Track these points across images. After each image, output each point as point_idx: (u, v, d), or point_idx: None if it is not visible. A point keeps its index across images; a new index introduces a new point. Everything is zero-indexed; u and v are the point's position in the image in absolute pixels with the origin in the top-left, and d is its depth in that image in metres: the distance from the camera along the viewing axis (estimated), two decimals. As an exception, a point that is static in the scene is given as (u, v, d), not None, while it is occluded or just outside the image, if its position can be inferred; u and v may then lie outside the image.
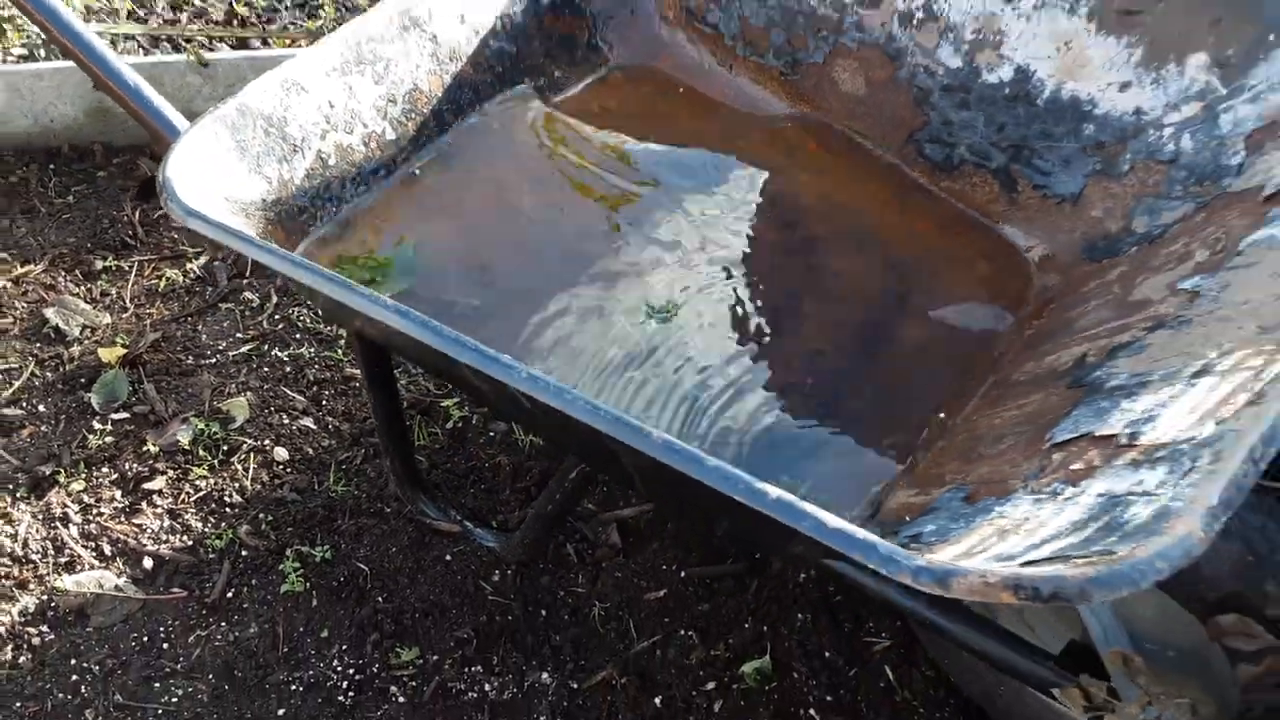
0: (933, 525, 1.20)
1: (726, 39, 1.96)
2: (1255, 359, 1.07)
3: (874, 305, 1.60)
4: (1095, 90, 1.55)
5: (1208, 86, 1.44)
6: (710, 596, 1.90)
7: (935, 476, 1.34)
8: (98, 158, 2.75)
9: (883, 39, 1.76)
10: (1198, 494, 0.91)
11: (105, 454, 2.12)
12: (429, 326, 1.19)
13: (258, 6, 2.94)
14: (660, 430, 1.02)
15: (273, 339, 2.33)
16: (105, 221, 2.59)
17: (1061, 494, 1.08)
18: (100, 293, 2.44)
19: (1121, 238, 1.52)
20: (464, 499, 2.04)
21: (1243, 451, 0.92)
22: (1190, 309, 1.24)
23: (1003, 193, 1.68)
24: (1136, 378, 1.19)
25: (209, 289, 2.44)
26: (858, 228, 1.70)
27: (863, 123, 1.82)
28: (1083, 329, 1.40)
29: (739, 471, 0.99)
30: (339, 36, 1.69)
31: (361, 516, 2.01)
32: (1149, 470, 1.00)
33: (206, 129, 1.52)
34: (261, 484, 2.07)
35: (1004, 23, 1.62)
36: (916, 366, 1.52)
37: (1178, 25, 1.46)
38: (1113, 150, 1.54)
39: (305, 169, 1.65)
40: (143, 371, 2.25)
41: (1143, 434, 1.08)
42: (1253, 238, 1.26)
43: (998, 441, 1.30)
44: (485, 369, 1.15)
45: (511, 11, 1.90)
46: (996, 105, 1.65)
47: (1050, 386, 1.32)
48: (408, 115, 1.78)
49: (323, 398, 2.21)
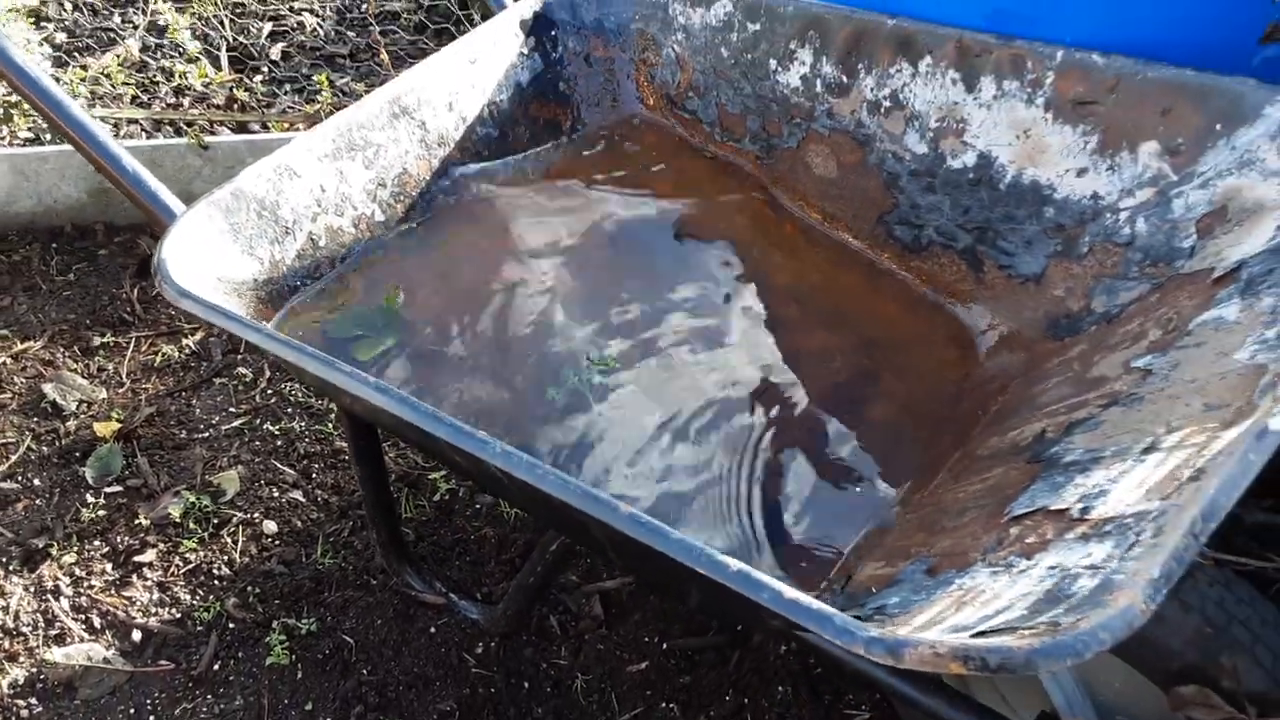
0: (897, 598, 1.24)
1: (705, 125, 2.03)
2: (1199, 436, 1.12)
3: (843, 384, 1.64)
4: (1054, 176, 1.62)
5: (1160, 173, 1.51)
6: (692, 669, 1.93)
7: (902, 549, 1.38)
8: (99, 236, 2.82)
9: (852, 126, 1.83)
10: (1140, 567, 0.94)
11: (98, 527, 2.16)
12: (407, 402, 1.24)
13: (258, 91, 3.04)
14: (629, 503, 1.06)
15: (265, 413, 2.37)
16: (105, 298, 2.65)
17: (1016, 567, 1.11)
18: (98, 368, 2.49)
19: (1082, 316, 1.57)
20: (449, 571, 2.07)
21: (1183, 526, 0.96)
22: (1142, 386, 1.29)
23: (970, 272, 1.73)
24: (1090, 453, 1.23)
25: (204, 364, 2.49)
26: (829, 308, 1.76)
27: (836, 204, 1.89)
28: (1043, 405, 1.44)
29: (700, 544, 1.03)
30: (331, 124, 1.76)
31: (348, 588, 2.04)
32: (1097, 544, 1.04)
33: (201, 212, 1.59)
34: (250, 556, 2.10)
35: (966, 111, 1.69)
36: (886, 442, 1.56)
37: (1130, 115, 1.52)
38: (1072, 233, 1.60)
39: (296, 250, 1.71)
40: (137, 445, 2.29)
41: (1093, 509, 1.12)
42: (1201, 318, 1.31)
43: (960, 514, 1.33)
44: (460, 444, 1.20)
45: (498, 99, 1.98)
46: (961, 189, 1.72)
47: (1011, 461, 1.36)
48: (396, 198, 1.85)
49: (312, 471, 2.25)
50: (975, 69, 1.67)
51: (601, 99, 2.11)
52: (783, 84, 1.90)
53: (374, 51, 3.15)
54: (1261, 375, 1.13)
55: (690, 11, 1.98)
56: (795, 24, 1.85)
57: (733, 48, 1.95)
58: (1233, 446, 1.04)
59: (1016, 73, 1.62)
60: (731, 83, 1.97)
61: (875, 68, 1.78)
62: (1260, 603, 1.35)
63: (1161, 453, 1.14)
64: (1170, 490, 1.05)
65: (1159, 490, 1.06)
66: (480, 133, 1.96)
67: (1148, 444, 1.17)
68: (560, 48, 2.06)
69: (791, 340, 1.70)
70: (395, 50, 3.23)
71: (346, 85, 3.12)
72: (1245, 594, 1.34)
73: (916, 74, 1.74)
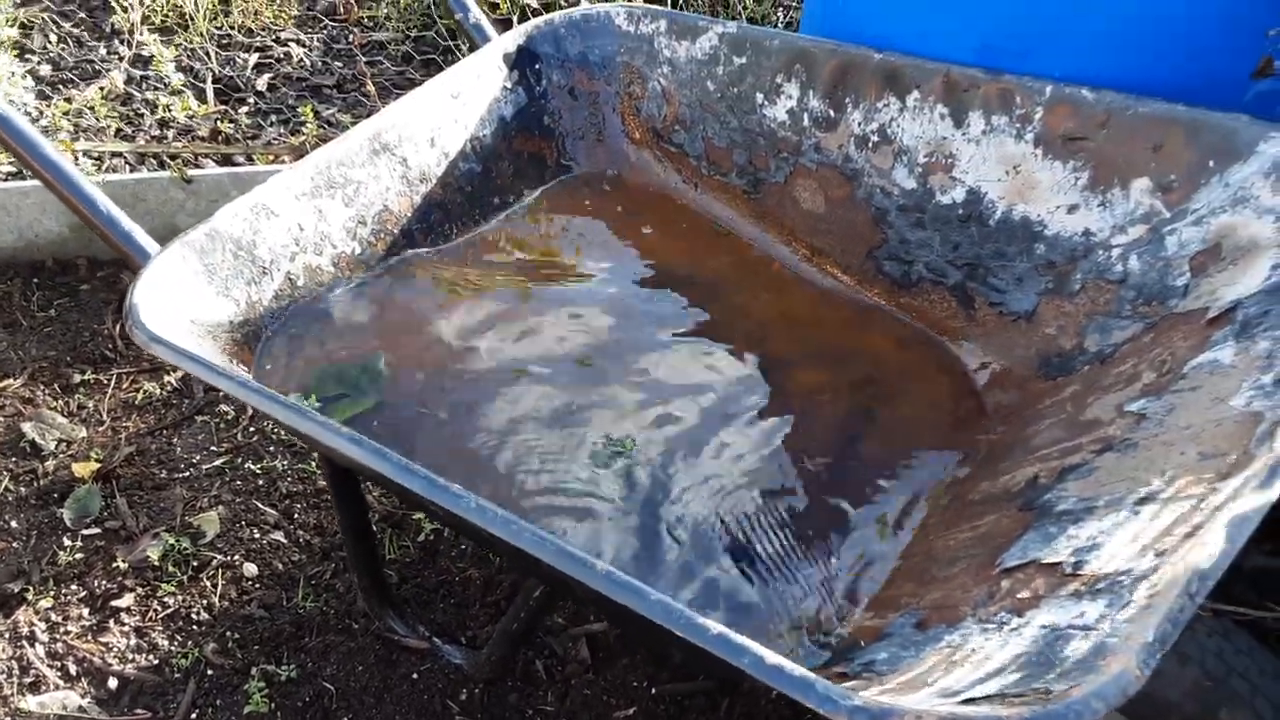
0: (885, 653, 1.20)
1: (692, 159, 2.00)
2: (1196, 487, 1.08)
3: (838, 422, 1.61)
4: (1045, 212, 1.59)
5: (1152, 210, 1.48)
6: (681, 715, 1.88)
7: (891, 599, 1.34)
8: (81, 271, 2.78)
9: (840, 160, 1.80)
10: (1133, 630, 0.91)
11: (75, 571, 2.11)
12: (381, 454, 1.20)
13: (242, 124, 3.01)
14: (609, 559, 1.03)
15: (246, 451, 2.33)
16: (86, 335, 2.62)
17: (1008, 624, 1.08)
18: (78, 406, 2.45)
19: (1075, 355, 1.54)
20: (433, 614, 2.03)
21: (1179, 586, 0.93)
22: (1136, 431, 1.25)
23: (960, 309, 1.70)
24: (1084, 502, 1.20)
25: (185, 401, 2.45)
26: (820, 346, 1.72)
27: (824, 239, 1.86)
28: (1036, 448, 1.41)
29: (680, 606, 0.99)
30: (310, 161, 1.73)
31: (329, 633, 1.99)
32: (1090, 602, 1.01)
33: (175, 254, 1.55)
34: (230, 600, 2.05)
35: (954, 147, 1.66)
36: (880, 483, 1.53)
37: (1121, 151, 1.50)
38: (1064, 269, 1.57)
39: (274, 290, 1.68)
40: (116, 486, 2.25)
41: (1086, 563, 1.08)
42: (1196, 361, 1.28)
43: (951, 564, 1.30)
44: (435, 498, 1.16)
45: (481, 134, 1.95)
46: (951, 225, 1.69)
47: (1003, 508, 1.32)
48: (377, 235, 1.82)
49: (294, 511, 2.21)
50: (963, 104, 1.64)
51: (586, 133, 2.09)
52: (770, 118, 1.88)
53: (360, 82, 3.13)
54: (1258, 424, 1.10)
55: (675, 45, 1.96)
56: (781, 57, 1.83)
57: (719, 81, 1.92)
58: (1230, 501, 1.00)
59: (1005, 108, 1.60)
60: (718, 116, 1.95)
61: (862, 102, 1.75)
62: (1260, 653, 1.31)
63: (1156, 504, 1.10)
64: (1166, 547, 1.01)
65: (1154, 546, 1.03)
66: (463, 168, 1.93)
67: (1142, 494, 1.14)
68: (545, 81, 2.03)
69: (784, 378, 1.67)
70: (382, 81, 3.21)
71: (333, 116, 3.09)
72: (1244, 644, 1.31)
73: (904, 108, 1.71)
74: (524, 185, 2.02)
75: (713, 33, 1.90)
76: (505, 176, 2.00)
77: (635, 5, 2.02)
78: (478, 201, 1.96)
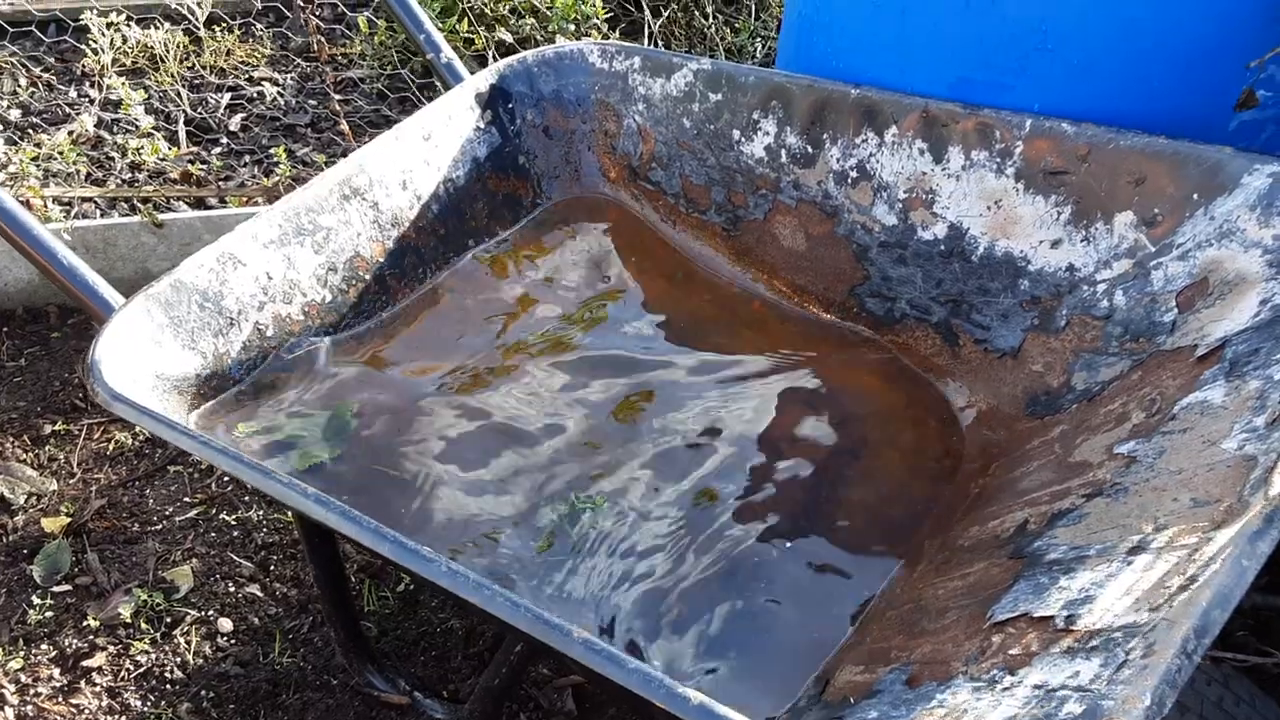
0: (875, 713, 1.16)
1: (669, 196, 1.97)
2: (1189, 536, 1.05)
3: (822, 463, 1.57)
4: (1028, 247, 1.56)
5: (1137, 244, 1.45)
6: (669, 766, 1.83)
7: (881, 652, 1.30)
8: (52, 319, 2.74)
9: (819, 196, 1.77)
10: (1130, 692, 0.87)
11: (45, 629, 2.06)
12: (348, 517, 1.16)
13: (215, 165, 2.97)
14: (584, 622, 0.99)
15: (221, 502, 2.28)
16: (56, 384, 2.57)
17: (1000, 683, 1.04)
18: (48, 458, 2.40)
19: (1062, 394, 1.51)
20: (414, 667, 1.98)
21: (1175, 644, 0.89)
22: (1127, 475, 1.22)
23: (945, 346, 1.67)
24: (1075, 551, 1.16)
25: (158, 451, 2.40)
26: (803, 385, 1.69)
27: (805, 277, 1.83)
28: (1025, 491, 1.37)
29: (659, 674, 0.95)
30: (278, 208, 1.69)
31: (307, 690, 1.94)
32: (1084, 660, 0.97)
33: (139, 307, 1.51)
34: (204, 658, 2.00)
35: (934, 182, 1.63)
36: (866, 529, 1.49)
37: (1103, 185, 1.47)
38: (1049, 305, 1.54)
39: (242, 341, 1.64)
40: (87, 540, 2.20)
41: (1079, 617, 1.04)
42: (1186, 401, 1.25)
43: (941, 615, 1.26)
44: (404, 562, 1.12)
45: (454, 175, 1.92)
46: (933, 261, 1.66)
47: (993, 556, 1.29)
48: (349, 282, 1.78)
49: (270, 563, 2.16)
50: (942, 139, 1.61)
51: (562, 172, 2.06)
52: (747, 154, 1.85)
53: (335, 121, 3.10)
54: (1251, 469, 1.07)
55: (650, 82, 1.93)
56: (757, 94, 1.80)
57: (695, 118, 1.90)
58: (1224, 552, 0.97)
59: (985, 142, 1.57)
60: (695, 154, 1.92)
61: (840, 138, 1.73)
62: (1261, 701, 1.27)
63: (1150, 554, 1.07)
64: (1160, 600, 0.97)
65: (1148, 600, 0.99)
66: (436, 210, 1.89)
67: (1135, 543, 1.10)
68: (518, 120, 2.00)
69: (762, 416, 1.63)
70: (356, 119, 3.18)
71: (307, 155, 3.06)
72: (1245, 692, 1.27)
73: (883, 144, 1.68)
74: (499, 226, 1.99)
75: (687, 69, 1.88)
76: (480, 218, 1.96)
77: (609, 43, 1.99)
78: (452, 244, 1.93)
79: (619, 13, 3.46)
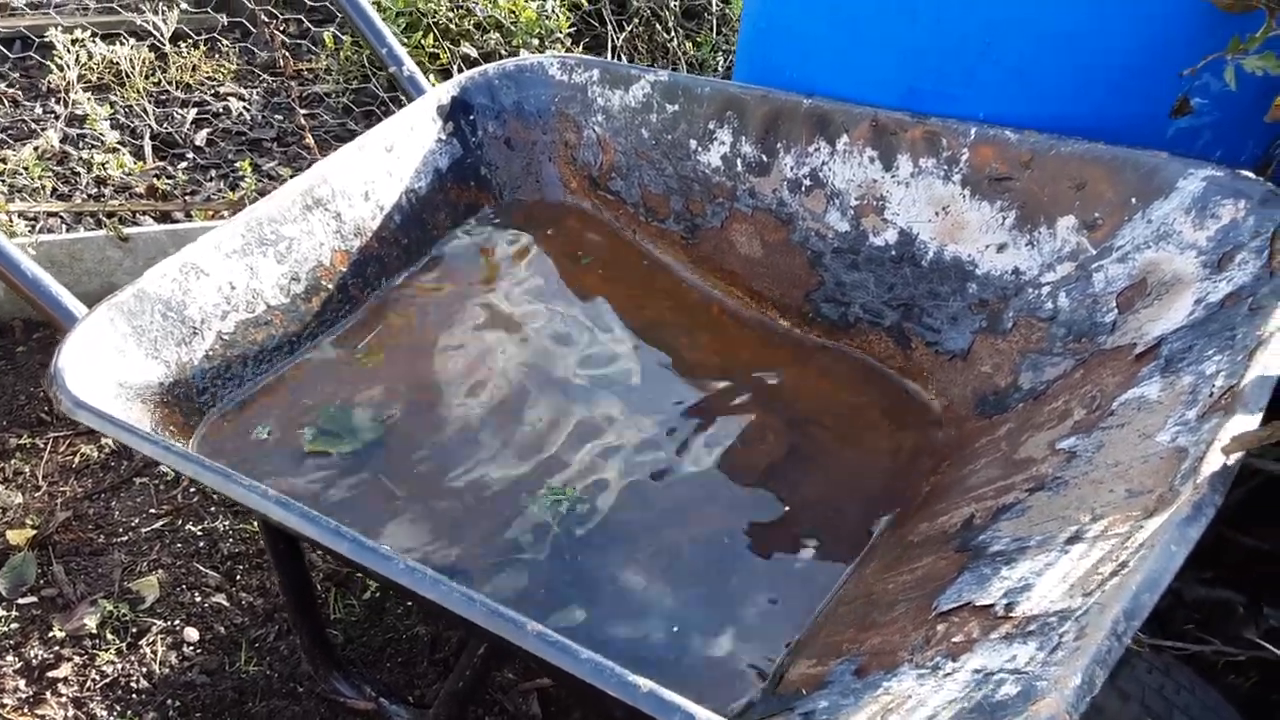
0: (826, 702, 1.19)
1: (629, 205, 2.01)
2: (1123, 525, 1.08)
3: (776, 464, 1.60)
4: (975, 251, 1.60)
5: (1078, 247, 1.50)
6: (633, 767, 1.85)
7: (833, 645, 1.33)
8: (17, 334, 2.74)
9: (774, 204, 1.81)
10: (1062, 673, 0.90)
11: (10, 641, 2.06)
12: (306, 516, 1.18)
13: (180, 180, 2.99)
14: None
15: (187, 513, 2.29)
16: (22, 398, 2.57)
17: (942, 669, 1.07)
18: (14, 471, 2.40)
19: (1010, 393, 1.55)
20: (380, 673, 1.99)
21: (1106, 626, 0.93)
22: (1067, 470, 1.26)
23: (898, 349, 1.71)
24: (1016, 542, 1.20)
25: (124, 464, 2.41)
26: (761, 388, 1.72)
27: (762, 283, 1.86)
28: (972, 488, 1.41)
29: (611, 664, 0.98)
30: (240, 219, 1.71)
31: (273, 698, 1.95)
32: (1021, 644, 1.00)
33: (102, 316, 1.53)
34: (170, 667, 2.00)
35: (884, 189, 1.67)
36: (821, 528, 1.52)
37: (1046, 190, 1.51)
38: (996, 308, 1.58)
39: (205, 350, 1.66)
40: (52, 552, 2.20)
41: (1017, 604, 1.08)
42: (1124, 397, 1.29)
43: (890, 608, 1.29)
44: (363, 560, 1.14)
45: (416, 186, 1.95)
46: (884, 266, 1.70)
47: (940, 550, 1.32)
48: (312, 292, 1.80)
49: (236, 573, 2.17)
50: (891, 147, 1.66)
51: (523, 182, 2.09)
52: (704, 164, 1.89)
53: (300, 135, 3.12)
54: (1182, 459, 1.11)
55: (609, 93, 1.97)
56: (712, 104, 1.84)
57: (653, 128, 1.93)
58: (1154, 539, 1.01)
59: (932, 150, 1.61)
60: (653, 163, 1.95)
61: (794, 146, 1.77)
62: (1202, 688, 1.31)
63: (1085, 543, 1.10)
64: (1093, 586, 1.01)
65: (1082, 585, 1.03)
66: (398, 220, 1.92)
67: (1072, 533, 1.14)
68: (480, 132, 2.03)
69: (720, 418, 1.67)
70: (321, 134, 3.20)
71: (273, 170, 3.08)
72: (1186, 680, 1.31)
73: (835, 152, 1.72)
74: (463, 235, 2.01)
75: (645, 81, 1.91)
76: (442, 227, 1.99)
77: (569, 55, 2.03)
78: (414, 253, 1.95)
79: (583, 27, 3.50)
